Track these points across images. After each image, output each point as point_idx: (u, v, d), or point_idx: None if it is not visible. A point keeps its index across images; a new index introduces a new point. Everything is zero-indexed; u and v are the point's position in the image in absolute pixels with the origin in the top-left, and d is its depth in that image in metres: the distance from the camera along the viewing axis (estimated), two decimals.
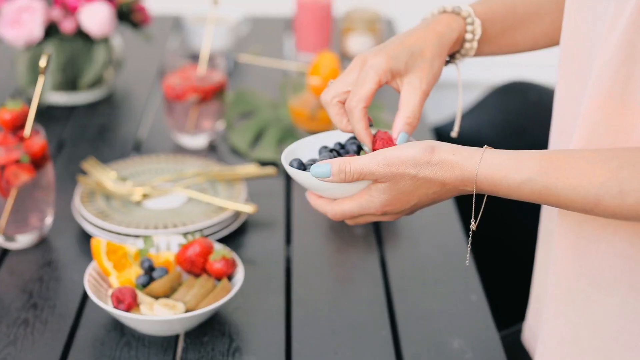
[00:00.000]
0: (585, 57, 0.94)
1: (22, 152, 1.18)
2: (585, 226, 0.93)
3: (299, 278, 1.20)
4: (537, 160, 0.86)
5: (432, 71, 0.99)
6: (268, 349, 1.06)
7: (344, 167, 0.90)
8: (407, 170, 0.88)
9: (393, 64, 0.97)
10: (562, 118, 1.01)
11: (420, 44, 0.99)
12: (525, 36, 1.09)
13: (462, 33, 1.03)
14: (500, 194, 0.88)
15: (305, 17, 1.91)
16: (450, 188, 0.89)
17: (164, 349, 1.05)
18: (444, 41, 1.01)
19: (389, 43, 1.00)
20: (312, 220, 1.34)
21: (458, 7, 1.03)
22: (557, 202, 0.86)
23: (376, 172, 0.89)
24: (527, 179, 0.86)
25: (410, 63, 0.98)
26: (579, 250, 0.95)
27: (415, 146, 0.89)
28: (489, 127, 1.72)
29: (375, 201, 0.92)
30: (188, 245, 1.11)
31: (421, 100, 0.98)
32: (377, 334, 1.09)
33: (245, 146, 1.53)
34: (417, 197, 0.91)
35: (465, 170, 0.87)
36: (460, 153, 0.88)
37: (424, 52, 0.99)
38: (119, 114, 1.68)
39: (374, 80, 0.97)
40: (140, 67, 1.87)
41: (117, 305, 1.04)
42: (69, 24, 1.60)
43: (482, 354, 1.06)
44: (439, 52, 1.00)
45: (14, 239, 1.22)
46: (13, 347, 1.04)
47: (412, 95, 0.98)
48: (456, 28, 1.02)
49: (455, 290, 1.18)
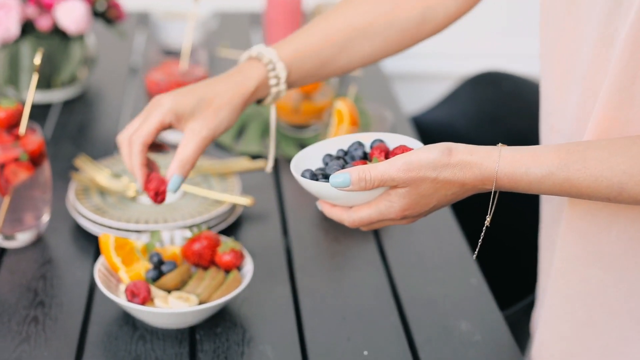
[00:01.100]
0: (572, 57, 0.97)
1: (20, 150, 1.17)
2: (596, 214, 0.96)
3: (302, 268, 1.21)
4: (555, 153, 0.88)
5: (217, 119, 1.05)
6: (282, 337, 1.07)
7: (364, 175, 0.89)
8: (428, 174, 0.89)
9: (178, 107, 1.03)
10: (551, 116, 1.03)
11: (211, 92, 1.05)
12: (354, 58, 1.13)
13: (264, 79, 1.08)
14: (520, 189, 0.90)
15: (276, 11, 1.92)
16: (469, 188, 0.90)
17: (179, 342, 1.05)
18: (239, 91, 1.06)
19: (185, 88, 1.06)
20: (306, 211, 1.35)
21: (261, 53, 1.08)
22: (579, 193, 0.88)
23: (397, 178, 0.89)
24: (547, 173, 0.87)
25: (196, 109, 1.04)
26: (591, 237, 0.98)
27: (432, 149, 0.89)
28: (462, 117, 1.76)
29: (395, 206, 0.91)
30: (195, 238, 1.12)
31: (199, 146, 1.04)
32: (386, 320, 1.11)
33: (230, 140, 1.54)
34: (437, 199, 0.91)
35: (485, 170, 0.88)
36: (478, 153, 0.89)
37: (211, 101, 1.05)
38: (96, 111, 1.67)
39: (157, 119, 1.03)
40: (111, 64, 1.86)
41: (132, 299, 1.04)
42: (45, 22, 1.59)
43: (490, 335, 1.09)
44: (228, 102, 1.06)
45: (14, 237, 1.21)
46: (27, 345, 1.04)
47: (191, 141, 1.04)
48: (255, 77, 1.07)
49: (454, 275, 1.21)
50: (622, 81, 0.89)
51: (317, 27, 1.13)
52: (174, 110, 1.02)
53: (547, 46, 1.03)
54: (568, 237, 1.01)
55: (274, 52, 1.09)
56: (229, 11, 2.18)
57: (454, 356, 1.05)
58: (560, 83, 1.00)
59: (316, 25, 1.13)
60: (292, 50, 1.10)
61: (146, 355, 1.03)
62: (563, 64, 1.00)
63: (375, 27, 1.13)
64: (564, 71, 0.99)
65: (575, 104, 0.97)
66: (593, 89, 0.94)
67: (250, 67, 1.08)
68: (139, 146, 1.02)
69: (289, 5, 1.92)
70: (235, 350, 1.05)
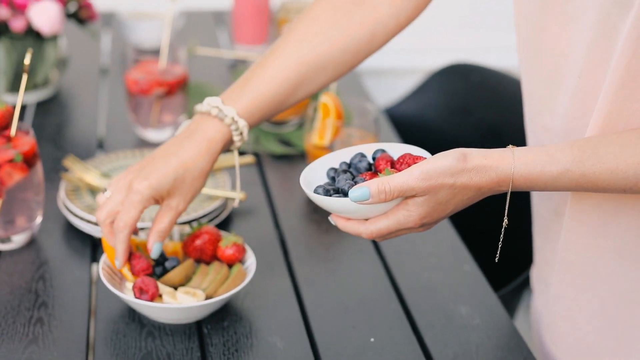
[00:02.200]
0: (560, 57, 0.99)
1: (15, 151, 1.16)
2: (604, 206, 1.00)
3: (299, 260, 1.23)
4: (568, 150, 0.90)
5: (192, 192, 1.08)
6: (288, 328, 1.09)
7: (384, 187, 0.90)
8: (445, 181, 0.90)
9: (156, 193, 1.04)
10: (540, 115, 1.06)
11: (182, 167, 1.06)
12: (309, 90, 1.14)
13: (228, 137, 1.09)
14: (536, 188, 0.92)
15: (244, 9, 1.93)
16: (484, 191, 0.92)
17: (188, 336, 1.06)
18: (209, 158, 1.08)
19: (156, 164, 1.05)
20: (294, 205, 1.37)
21: (221, 112, 1.08)
22: (595, 187, 0.91)
23: (416, 188, 0.90)
24: (563, 171, 0.90)
25: (172, 189, 1.06)
26: (599, 228, 1.01)
27: (447, 156, 0.90)
28: (432, 109, 1.79)
29: (413, 215, 0.92)
30: (196, 234, 1.13)
31: (175, 218, 1.07)
32: (387, 307, 1.14)
33: None
34: (454, 204, 0.92)
35: (501, 172, 0.90)
36: (492, 156, 0.91)
37: (184, 177, 1.06)
38: (72, 112, 1.66)
39: (138, 208, 1.04)
40: (81, 64, 1.85)
41: (140, 296, 1.05)
42: (19, 23, 1.57)
43: (489, 318, 1.12)
44: (200, 173, 1.07)
45: (10, 240, 1.20)
46: (35, 346, 1.03)
47: (167, 215, 1.06)
48: (220, 138, 1.08)
49: (447, 262, 1.24)
50: (625, 76, 0.91)
51: (269, 69, 1.11)
52: (154, 196, 1.04)
53: (527, 47, 1.04)
54: (575, 230, 1.04)
55: (233, 111, 1.08)
56: (194, 10, 2.18)
57: (457, 340, 1.08)
58: (549, 82, 1.02)
59: (267, 67, 1.11)
60: (248, 102, 1.09)
61: (157, 351, 1.04)
62: (550, 65, 1.01)
63: (329, 56, 1.12)
64: (552, 71, 1.01)
65: (569, 102, 0.99)
66: (591, 85, 0.96)
67: (212, 127, 1.08)
68: (125, 236, 1.04)
69: (257, 2, 1.93)
70: (245, 342, 1.06)
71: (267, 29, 1.96)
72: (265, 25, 1.95)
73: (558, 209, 1.09)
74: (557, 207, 1.09)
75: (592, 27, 0.94)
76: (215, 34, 2.08)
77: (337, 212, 0.95)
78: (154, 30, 1.90)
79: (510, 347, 1.07)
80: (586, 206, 1.02)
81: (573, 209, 1.04)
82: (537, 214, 1.16)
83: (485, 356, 1.05)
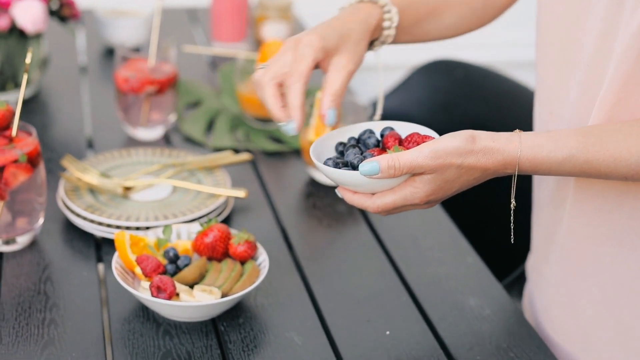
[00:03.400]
0: (573, 47, 1.03)
1: (19, 151, 1.15)
2: (606, 194, 1.03)
3: (305, 256, 1.23)
4: (573, 137, 0.93)
5: (357, 53, 1.05)
6: (304, 324, 1.09)
7: (393, 163, 0.92)
8: (453, 160, 0.92)
9: (325, 43, 1.02)
10: (550, 102, 1.09)
11: (346, 27, 1.05)
12: (436, 26, 1.17)
13: (380, 21, 1.09)
14: (540, 173, 0.95)
15: (222, 6, 1.92)
16: (490, 173, 0.95)
17: (205, 334, 1.06)
18: (366, 27, 1.07)
19: (317, 26, 1.05)
20: (293, 201, 1.38)
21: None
22: (598, 173, 0.94)
23: (425, 165, 0.92)
24: (568, 156, 0.93)
25: (340, 44, 1.03)
26: (602, 216, 1.04)
27: (456, 137, 0.93)
28: (416, 105, 1.81)
29: (419, 192, 0.94)
30: (206, 231, 1.13)
31: (346, 79, 1.03)
32: (398, 300, 1.15)
33: (201, 135, 1.54)
34: (459, 184, 0.95)
35: (508, 155, 0.93)
36: (499, 139, 0.93)
37: (350, 35, 1.04)
38: (56, 111, 1.64)
39: (310, 57, 1.00)
40: (59, 63, 1.82)
41: (158, 295, 1.04)
42: (2, 21, 1.55)
43: (498, 308, 1.14)
44: (362, 36, 1.06)
45: (15, 241, 1.18)
46: (53, 347, 1.02)
47: (338, 75, 1.02)
48: (375, 15, 1.08)
49: (451, 255, 1.25)
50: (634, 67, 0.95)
51: None
52: (324, 48, 1.00)
53: (544, 35, 1.08)
54: (577, 218, 1.07)
55: None
56: (168, 7, 2.16)
57: (471, 330, 1.10)
58: (560, 70, 1.06)
59: None
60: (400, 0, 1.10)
61: (177, 349, 1.03)
62: (563, 53, 1.05)
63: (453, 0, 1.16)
64: (564, 59, 1.05)
65: (578, 90, 1.03)
66: (598, 75, 1.00)
67: (367, 7, 1.07)
68: (301, 87, 0.98)
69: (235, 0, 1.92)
70: (262, 338, 1.06)
71: (245, 26, 1.95)
72: (244, 23, 1.95)
73: (558, 197, 1.11)
74: (557, 194, 1.12)
75: (602, 18, 0.98)
76: (190, 32, 2.07)
77: (344, 185, 0.97)
78: (132, 28, 1.89)
79: (521, 337, 1.09)
80: (589, 194, 1.05)
81: (576, 196, 1.06)
82: (537, 201, 1.19)
83: (500, 346, 1.07)
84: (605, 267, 1.06)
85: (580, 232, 1.07)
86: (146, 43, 1.91)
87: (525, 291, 1.28)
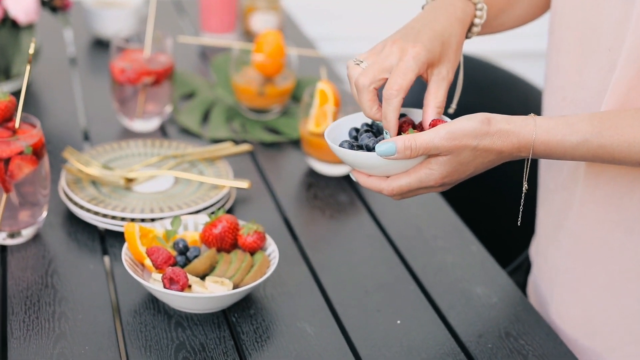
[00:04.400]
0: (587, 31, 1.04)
1: (25, 143, 1.13)
2: (618, 180, 1.04)
3: (310, 246, 1.24)
4: (588, 121, 0.94)
5: (457, 60, 1.03)
6: (315, 314, 1.09)
7: (410, 144, 0.92)
8: (469, 142, 0.93)
9: (430, 56, 0.98)
10: (563, 88, 1.10)
11: (447, 32, 1.01)
12: (509, 18, 1.17)
13: (472, 17, 1.07)
14: (554, 157, 0.96)
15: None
16: (505, 155, 0.95)
17: (217, 325, 1.06)
18: (463, 28, 1.04)
19: (420, 30, 1.00)
20: (293, 192, 1.38)
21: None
22: (612, 159, 0.95)
23: (441, 147, 0.92)
24: (582, 141, 0.94)
25: (442, 54, 1.00)
26: (613, 202, 1.05)
27: (472, 119, 0.93)
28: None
29: (435, 174, 0.95)
30: (215, 222, 1.12)
31: (447, 89, 1.01)
32: (406, 289, 1.16)
33: (197, 126, 1.54)
34: (474, 166, 0.96)
35: (522, 138, 0.94)
36: (514, 122, 0.94)
37: (451, 43, 1.01)
38: (49, 103, 1.63)
39: (414, 72, 0.97)
40: (48, 54, 1.80)
41: (170, 286, 1.04)
42: None
43: (505, 296, 1.15)
44: (461, 40, 1.03)
45: (20, 234, 1.17)
46: (65, 341, 1.02)
47: (440, 86, 1.00)
48: (469, 13, 1.06)
49: (455, 244, 1.26)
50: None
51: None
52: (428, 61, 0.98)
53: (560, 23, 1.09)
54: (587, 203, 1.08)
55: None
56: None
57: (480, 319, 1.11)
58: (577, 56, 1.06)
59: None
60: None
61: (190, 341, 1.03)
62: (580, 39, 1.06)
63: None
64: (584, 45, 1.05)
65: (596, 76, 1.04)
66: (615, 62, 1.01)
67: (461, 4, 1.04)
68: (399, 102, 0.96)
69: None
70: (275, 329, 1.06)
71: (234, 17, 1.95)
72: (233, 14, 1.94)
73: (568, 182, 1.12)
74: (567, 180, 1.12)
75: (623, 3, 0.98)
76: (178, 23, 2.05)
77: (359, 168, 0.98)
78: (120, 18, 1.87)
79: (530, 324, 1.10)
80: (601, 179, 1.06)
81: (587, 182, 1.07)
82: (544, 186, 1.20)
83: (509, 333, 1.08)
84: (614, 253, 1.07)
85: (591, 217, 1.08)
86: (134, 34, 1.89)
87: (529, 278, 1.30)
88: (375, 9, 2.54)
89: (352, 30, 2.54)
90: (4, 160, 1.12)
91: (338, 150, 0.98)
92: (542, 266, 1.22)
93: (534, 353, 1.05)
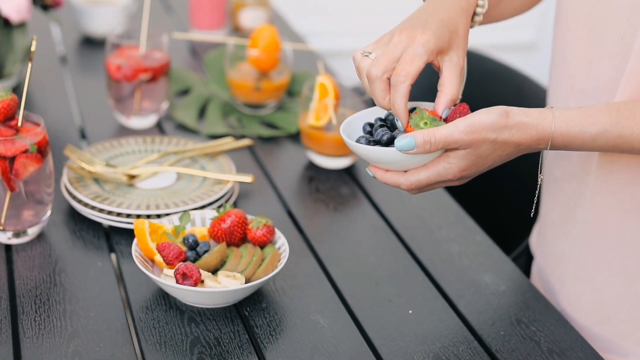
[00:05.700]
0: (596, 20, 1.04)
1: (29, 141, 1.13)
2: (633, 168, 1.05)
3: (316, 239, 1.24)
4: (606, 112, 0.94)
5: (465, 47, 1.02)
6: (327, 305, 1.10)
7: (429, 138, 0.92)
8: (488, 135, 0.93)
9: (440, 43, 0.98)
10: (572, 77, 1.10)
11: (453, 21, 1.01)
12: (508, 7, 1.17)
13: (475, 7, 1.07)
14: (573, 148, 0.96)
15: None
16: (523, 148, 0.95)
17: (230, 320, 1.06)
18: (468, 17, 1.04)
19: (427, 19, 1.00)
20: (295, 185, 1.38)
21: None
22: (631, 148, 0.95)
23: (460, 140, 0.93)
24: (601, 131, 0.94)
25: (451, 42, 1.00)
26: (627, 190, 1.06)
27: (490, 112, 0.93)
28: None
29: (453, 167, 0.95)
30: (223, 217, 1.12)
31: (460, 76, 1.00)
32: (415, 279, 1.16)
33: (194, 123, 1.53)
34: (492, 159, 0.96)
35: (541, 130, 0.94)
36: (532, 114, 0.94)
37: (458, 31, 1.01)
38: (41, 102, 1.61)
39: (423, 58, 0.96)
40: (39, 53, 1.78)
41: (183, 282, 1.04)
42: None
43: (513, 284, 1.16)
44: (467, 28, 1.03)
45: (26, 233, 1.16)
46: (79, 339, 1.01)
47: (453, 73, 0.99)
48: (472, 2, 1.06)
49: (459, 234, 1.27)
50: None
51: None
52: (438, 47, 0.97)
53: (567, 13, 1.09)
54: (601, 191, 1.08)
55: None
56: None
57: (490, 307, 1.11)
58: (586, 45, 1.07)
59: None
60: None
61: (204, 336, 1.03)
62: (589, 28, 1.06)
63: None
64: (593, 33, 1.06)
65: (607, 64, 1.04)
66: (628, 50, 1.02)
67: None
68: (406, 88, 0.95)
69: None
70: (288, 322, 1.06)
71: (224, 14, 1.94)
72: (223, 10, 1.93)
73: (578, 171, 1.13)
74: (576, 169, 1.13)
75: None
76: (166, 20, 2.04)
77: (376, 163, 0.98)
78: (109, 16, 1.86)
79: (539, 310, 1.11)
80: (613, 168, 1.07)
81: (600, 171, 1.08)
82: (550, 176, 1.20)
83: (520, 320, 1.09)
84: (627, 240, 1.08)
85: (604, 205, 1.09)
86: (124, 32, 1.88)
87: (533, 267, 1.30)
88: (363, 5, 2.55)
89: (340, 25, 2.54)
90: (9, 159, 1.11)
91: (355, 146, 0.97)
92: (549, 255, 1.23)
93: (545, 339, 1.06)
